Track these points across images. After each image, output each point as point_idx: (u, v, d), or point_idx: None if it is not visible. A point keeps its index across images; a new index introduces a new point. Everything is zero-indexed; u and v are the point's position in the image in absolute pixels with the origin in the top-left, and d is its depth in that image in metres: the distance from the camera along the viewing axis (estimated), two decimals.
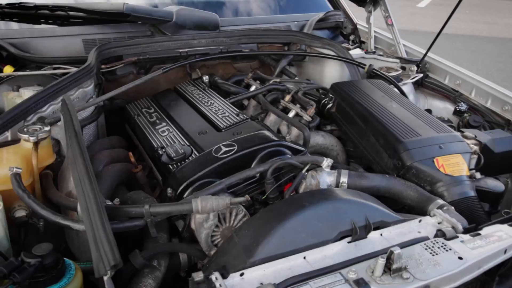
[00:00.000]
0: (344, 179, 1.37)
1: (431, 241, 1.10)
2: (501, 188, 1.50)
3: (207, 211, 1.12)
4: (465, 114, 2.04)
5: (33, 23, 2.16)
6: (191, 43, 2.10)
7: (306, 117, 1.67)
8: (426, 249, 1.07)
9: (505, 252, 1.11)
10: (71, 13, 2.16)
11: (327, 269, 1.02)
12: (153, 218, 1.12)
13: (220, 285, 0.95)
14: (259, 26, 2.43)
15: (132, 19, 2.14)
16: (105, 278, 0.91)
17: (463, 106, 2.04)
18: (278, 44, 2.34)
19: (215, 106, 1.73)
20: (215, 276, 0.98)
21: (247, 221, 1.17)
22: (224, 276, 1.00)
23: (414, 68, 2.27)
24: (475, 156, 1.60)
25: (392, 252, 0.97)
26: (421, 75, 2.26)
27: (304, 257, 1.07)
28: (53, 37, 2.11)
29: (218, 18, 2.31)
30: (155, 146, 1.55)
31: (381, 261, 0.96)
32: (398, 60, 2.36)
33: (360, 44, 2.83)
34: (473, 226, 1.21)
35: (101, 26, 2.18)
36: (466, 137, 1.64)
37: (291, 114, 1.70)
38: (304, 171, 1.32)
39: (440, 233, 1.13)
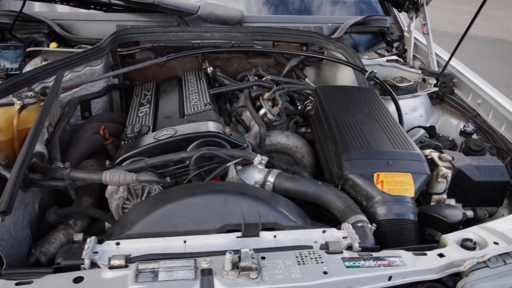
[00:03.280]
0: (271, 179, 1.37)
1: (309, 251, 1.06)
2: (457, 218, 1.35)
3: (115, 183, 1.22)
4: (473, 136, 1.83)
5: (84, 8, 2.47)
6: (204, 35, 2.21)
7: (269, 115, 1.67)
8: (297, 256, 1.04)
9: (389, 278, 1.03)
10: (113, 1, 2.43)
11: (190, 254, 1.06)
12: (71, 181, 1.26)
13: (88, 247, 1.05)
14: (285, 25, 2.44)
15: (161, 10, 2.33)
16: None
17: (469, 127, 1.83)
18: (295, 43, 2.33)
19: (195, 95, 1.82)
20: (90, 239, 1.08)
21: (145, 198, 1.25)
22: (101, 242, 1.10)
23: (433, 81, 2.09)
24: (443, 180, 1.46)
25: (240, 250, 0.98)
26: (436, 88, 2.07)
27: (185, 241, 1.12)
28: (93, 21, 2.40)
29: (243, 14, 2.38)
30: (126, 123, 1.69)
31: (228, 256, 0.97)
32: (420, 71, 2.20)
33: (403, 52, 2.68)
34: (377, 247, 1.14)
35: (135, 15, 2.41)
36: (441, 158, 1.50)
37: (262, 111, 1.71)
38: (231, 164, 1.35)
39: (323, 246, 1.09)
